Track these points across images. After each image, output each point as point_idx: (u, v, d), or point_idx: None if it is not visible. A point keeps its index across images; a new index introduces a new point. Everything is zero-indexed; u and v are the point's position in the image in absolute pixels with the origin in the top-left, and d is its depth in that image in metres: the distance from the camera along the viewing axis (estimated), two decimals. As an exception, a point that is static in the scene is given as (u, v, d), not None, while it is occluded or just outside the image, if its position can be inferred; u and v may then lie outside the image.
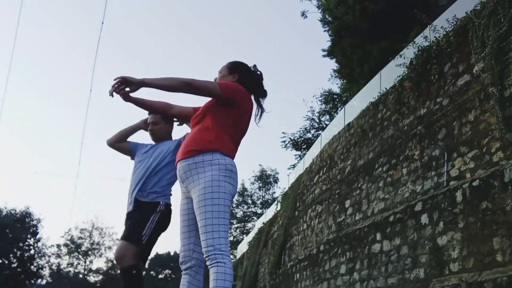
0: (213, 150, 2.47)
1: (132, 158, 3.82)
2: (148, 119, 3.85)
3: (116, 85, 2.46)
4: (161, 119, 3.75)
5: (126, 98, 2.62)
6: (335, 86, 21.39)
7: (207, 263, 2.38)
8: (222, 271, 2.30)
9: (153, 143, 3.79)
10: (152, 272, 57.36)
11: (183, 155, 2.53)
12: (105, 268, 50.17)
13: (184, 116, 2.89)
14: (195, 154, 2.48)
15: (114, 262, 3.89)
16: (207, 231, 2.35)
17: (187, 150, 2.52)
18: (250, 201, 38.63)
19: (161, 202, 3.52)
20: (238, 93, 2.57)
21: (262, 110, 2.76)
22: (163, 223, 3.55)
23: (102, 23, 11.58)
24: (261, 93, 2.77)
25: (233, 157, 2.55)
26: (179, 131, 8.30)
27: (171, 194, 3.67)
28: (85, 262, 49.90)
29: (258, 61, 2.87)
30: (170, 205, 3.62)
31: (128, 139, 3.88)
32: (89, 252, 49.86)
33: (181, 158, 2.53)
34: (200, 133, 2.54)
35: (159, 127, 3.76)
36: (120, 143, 3.85)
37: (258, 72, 2.81)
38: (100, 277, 50.22)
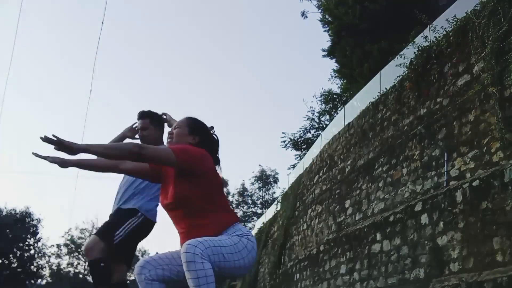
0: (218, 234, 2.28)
1: None
2: (135, 125, 3.68)
3: (54, 157, 2.31)
4: (150, 123, 3.55)
5: (64, 165, 2.44)
6: (335, 86, 21.39)
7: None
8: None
9: None
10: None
11: None
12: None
13: (138, 171, 2.54)
14: None
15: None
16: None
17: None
18: (250, 201, 38.61)
19: (141, 211, 3.36)
20: (196, 158, 2.32)
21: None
22: (141, 232, 3.39)
23: (102, 23, 11.61)
24: (215, 161, 2.50)
25: (237, 220, 2.37)
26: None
27: (156, 210, 3.46)
28: (85, 262, 49.86)
29: (258, 61, 2.80)
30: (153, 220, 3.43)
31: None
32: (89, 252, 49.83)
33: None
34: (194, 230, 2.28)
35: (149, 132, 3.54)
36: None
37: (215, 137, 2.59)
38: (100, 277, 50.21)
